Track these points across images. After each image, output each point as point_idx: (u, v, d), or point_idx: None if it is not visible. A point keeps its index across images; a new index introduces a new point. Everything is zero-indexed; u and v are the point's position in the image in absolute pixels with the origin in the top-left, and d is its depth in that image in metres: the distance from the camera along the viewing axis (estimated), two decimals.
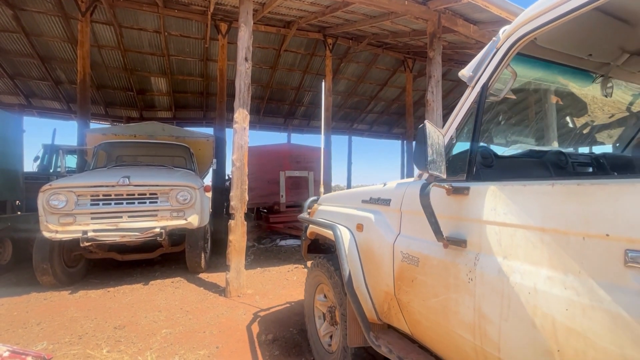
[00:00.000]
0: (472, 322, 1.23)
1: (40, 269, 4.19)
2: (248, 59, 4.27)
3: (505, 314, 1.10)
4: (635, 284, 0.80)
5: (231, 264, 4.14)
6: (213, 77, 10.94)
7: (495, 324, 1.14)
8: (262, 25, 8.44)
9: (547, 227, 1.03)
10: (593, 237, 0.90)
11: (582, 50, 1.59)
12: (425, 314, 1.50)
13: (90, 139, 6.46)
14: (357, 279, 1.95)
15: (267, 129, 15.17)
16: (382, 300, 1.82)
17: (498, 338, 1.13)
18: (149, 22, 8.81)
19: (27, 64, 9.78)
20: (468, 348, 1.27)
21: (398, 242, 1.70)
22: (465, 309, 1.26)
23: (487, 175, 1.44)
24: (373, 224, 1.90)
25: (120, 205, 4.28)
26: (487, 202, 1.24)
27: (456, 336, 1.32)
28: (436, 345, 1.53)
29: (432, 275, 1.45)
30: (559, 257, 0.99)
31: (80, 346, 2.83)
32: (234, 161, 4.26)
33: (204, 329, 3.18)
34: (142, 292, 4.26)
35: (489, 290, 1.17)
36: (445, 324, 1.37)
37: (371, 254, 1.89)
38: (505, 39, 1.31)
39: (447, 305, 1.36)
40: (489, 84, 1.37)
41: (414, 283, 1.56)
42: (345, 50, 10.58)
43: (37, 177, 7.27)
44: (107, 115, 12.43)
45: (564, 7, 1.07)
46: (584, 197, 0.94)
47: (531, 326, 1.01)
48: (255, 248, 7.18)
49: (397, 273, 1.68)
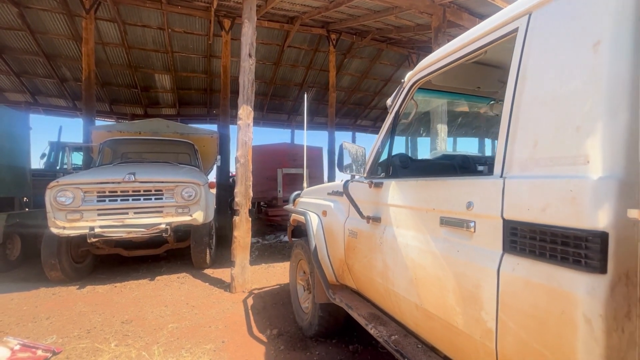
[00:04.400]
0: (382, 270, 1.86)
1: (48, 264, 4.25)
2: (252, 55, 4.26)
3: (395, 261, 1.72)
4: (444, 235, 1.40)
5: (236, 259, 4.17)
6: (217, 74, 10.95)
7: (391, 269, 1.76)
8: (266, 21, 8.42)
9: (413, 205, 1.65)
10: (429, 211, 1.52)
11: (472, 84, 2.18)
12: (361, 271, 2.14)
13: (95, 136, 6.50)
14: (321, 251, 2.58)
15: (270, 126, 15.19)
16: (338, 266, 2.46)
17: (393, 277, 1.75)
18: (153, 19, 8.82)
19: (33, 62, 9.86)
20: (381, 289, 1.90)
21: (347, 223, 2.32)
22: (379, 263, 1.88)
23: (403, 174, 1.97)
24: (332, 210, 2.55)
25: (126, 201, 4.32)
26: (390, 192, 1.85)
27: (375, 282, 1.96)
28: (368, 292, 2.17)
29: (363, 243, 2.08)
30: (415, 223, 1.61)
31: (88, 340, 2.87)
32: (238, 158, 4.28)
33: (209, 324, 3.22)
34: (149, 288, 4.30)
35: (388, 248, 1.78)
36: (370, 275, 2.01)
37: (331, 232, 2.52)
38: (408, 80, 1.87)
39: (370, 262, 1.99)
40: (399, 111, 1.94)
41: (354, 250, 2.20)
42: (349, 45, 10.53)
43: (44, 174, 7.36)
44: (112, 113, 12.52)
45: (443, 62, 1.60)
46: (426, 188, 1.57)
47: (405, 266, 1.64)
48: (260, 244, 7.22)
49: (346, 244, 2.32)
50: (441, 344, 1.51)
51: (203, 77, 11.51)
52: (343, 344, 2.80)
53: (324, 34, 9.37)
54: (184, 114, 13.26)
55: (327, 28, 9.19)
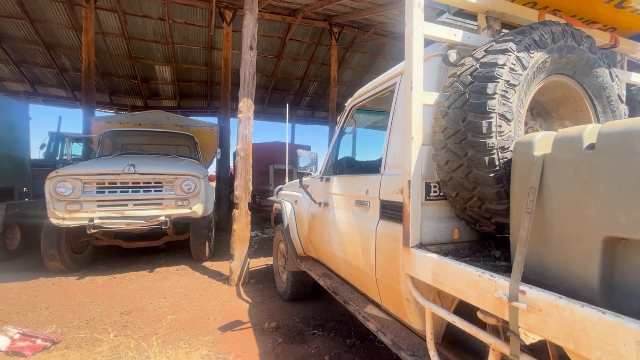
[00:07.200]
0: (327, 239, 2.65)
1: (48, 254, 4.26)
2: (253, 47, 4.23)
3: (334, 231, 2.51)
4: (358, 211, 2.19)
5: (235, 252, 4.18)
6: (217, 66, 10.87)
7: (332, 237, 2.56)
8: (267, 13, 8.33)
9: (342, 193, 2.50)
10: (349, 196, 2.36)
11: None
12: (318, 243, 2.93)
13: (95, 127, 6.48)
14: (292, 230, 3.38)
15: (271, 119, 15.10)
16: (304, 241, 3.26)
17: (333, 242, 2.54)
18: (154, 9, 8.73)
19: (32, 51, 9.77)
20: (328, 253, 2.71)
21: (309, 208, 3.10)
22: (326, 235, 2.68)
23: (343, 172, 2.76)
24: (301, 199, 3.35)
25: (125, 193, 4.31)
26: (333, 184, 2.66)
27: (325, 249, 2.77)
28: (322, 258, 2.97)
29: (318, 222, 2.87)
30: (344, 205, 2.42)
31: (88, 330, 2.89)
32: (238, 151, 4.27)
33: (208, 316, 3.24)
34: (148, 279, 4.32)
35: (331, 223, 2.56)
36: (322, 244, 2.81)
37: (300, 215, 3.33)
38: (348, 105, 2.73)
39: (322, 235, 2.78)
40: (343, 127, 2.86)
41: (314, 228, 3.00)
42: (352, 39, 10.44)
43: (44, 165, 7.34)
44: (112, 104, 12.45)
45: (368, 94, 2.43)
46: (348, 182, 2.44)
47: (338, 234, 2.43)
48: (259, 238, 7.24)
49: (309, 224, 3.11)
50: (357, 283, 2.33)
51: (204, 69, 11.42)
52: (340, 338, 2.82)
53: (326, 27, 9.28)
54: (184, 106, 13.19)
55: (330, 21, 9.10)
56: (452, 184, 1.48)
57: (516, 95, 1.34)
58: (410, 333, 1.86)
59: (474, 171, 1.35)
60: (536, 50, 1.37)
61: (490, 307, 1.12)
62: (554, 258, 1.08)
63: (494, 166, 1.30)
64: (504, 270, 1.27)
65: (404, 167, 1.51)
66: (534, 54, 1.36)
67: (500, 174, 1.30)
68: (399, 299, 1.78)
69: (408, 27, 1.48)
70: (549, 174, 1.09)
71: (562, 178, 1.05)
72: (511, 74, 1.32)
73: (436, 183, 1.63)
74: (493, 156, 1.30)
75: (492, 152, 1.30)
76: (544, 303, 0.95)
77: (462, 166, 1.39)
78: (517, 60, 1.33)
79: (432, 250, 1.49)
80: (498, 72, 1.30)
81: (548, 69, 1.45)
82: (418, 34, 1.47)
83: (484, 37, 1.70)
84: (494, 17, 1.80)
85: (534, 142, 1.16)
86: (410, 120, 1.46)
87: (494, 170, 1.30)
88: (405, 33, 1.50)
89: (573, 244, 1.02)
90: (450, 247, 1.61)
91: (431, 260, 1.37)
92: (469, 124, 1.33)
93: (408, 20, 1.49)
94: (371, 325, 1.97)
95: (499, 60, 1.32)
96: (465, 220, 1.60)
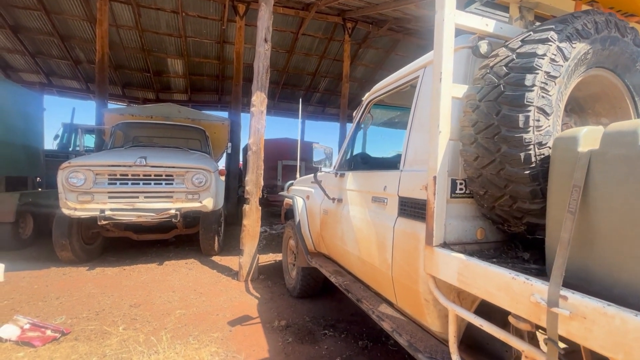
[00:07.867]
0: (341, 236, 2.58)
1: (59, 244, 4.28)
2: (267, 39, 4.16)
3: (348, 228, 2.45)
4: (374, 208, 2.13)
5: (245, 248, 4.14)
6: (229, 60, 10.84)
7: (345, 234, 2.49)
8: (281, 7, 8.25)
9: (357, 189, 2.42)
10: (365, 192, 2.29)
11: None
12: (330, 239, 2.87)
13: (108, 118, 6.50)
14: (304, 226, 3.32)
15: (281, 115, 15.05)
16: (315, 237, 3.22)
17: (347, 239, 2.48)
18: (167, 2, 8.72)
19: (48, 42, 9.87)
20: (340, 250, 2.65)
21: (322, 204, 3.05)
22: (339, 231, 2.62)
23: (358, 168, 2.67)
24: (313, 195, 3.32)
25: (137, 185, 4.30)
26: (348, 180, 2.59)
27: (337, 246, 2.70)
28: (334, 254, 2.91)
29: (331, 218, 2.81)
30: (360, 201, 2.35)
31: (97, 322, 2.88)
32: (250, 145, 4.21)
33: (217, 312, 3.20)
34: (157, 272, 4.31)
35: (344, 219, 2.51)
36: (334, 241, 2.74)
37: (312, 211, 3.28)
38: (365, 100, 2.65)
39: (335, 231, 2.72)
40: (360, 121, 2.75)
41: (326, 224, 2.93)
42: (365, 35, 10.30)
43: (57, 155, 7.42)
44: (124, 96, 12.53)
45: (387, 88, 2.32)
46: (364, 178, 2.36)
47: (352, 231, 2.37)
48: (267, 233, 7.20)
49: (321, 220, 3.05)
50: (371, 281, 2.28)
51: (215, 63, 11.40)
52: (352, 339, 2.76)
53: (340, 22, 9.16)
54: (195, 100, 13.21)
55: (343, 16, 8.98)
56: (481, 181, 1.39)
57: (556, 87, 1.24)
58: (427, 334, 1.79)
59: (507, 168, 1.26)
60: (579, 41, 1.27)
61: (525, 312, 1.04)
62: (600, 262, 0.99)
63: (530, 163, 1.21)
64: (536, 273, 1.19)
65: (430, 162, 1.43)
66: (576, 45, 1.26)
67: (537, 171, 1.21)
68: (416, 299, 1.71)
69: (438, 15, 1.40)
70: (596, 171, 1.00)
71: (613, 176, 0.96)
72: (551, 65, 1.22)
73: (462, 180, 1.54)
74: (529, 152, 1.21)
75: (528, 148, 1.21)
76: (590, 310, 0.87)
77: (494, 162, 1.30)
78: (558, 51, 1.23)
79: (457, 250, 1.42)
80: (537, 62, 1.21)
81: (589, 62, 1.35)
82: (449, 22, 1.38)
83: (517, 28, 1.60)
84: (528, 8, 1.70)
85: (578, 137, 1.06)
86: (438, 114, 1.38)
87: (529, 167, 1.21)
88: (435, 22, 1.42)
89: (624, 248, 0.93)
90: (475, 247, 1.53)
91: (457, 261, 1.30)
92: (504, 117, 1.24)
93: (439, 8, 1.40)
94: (386, 325, 1.90)
95: (539, 50, 1.22)
96: (493, 220, 1.51)
